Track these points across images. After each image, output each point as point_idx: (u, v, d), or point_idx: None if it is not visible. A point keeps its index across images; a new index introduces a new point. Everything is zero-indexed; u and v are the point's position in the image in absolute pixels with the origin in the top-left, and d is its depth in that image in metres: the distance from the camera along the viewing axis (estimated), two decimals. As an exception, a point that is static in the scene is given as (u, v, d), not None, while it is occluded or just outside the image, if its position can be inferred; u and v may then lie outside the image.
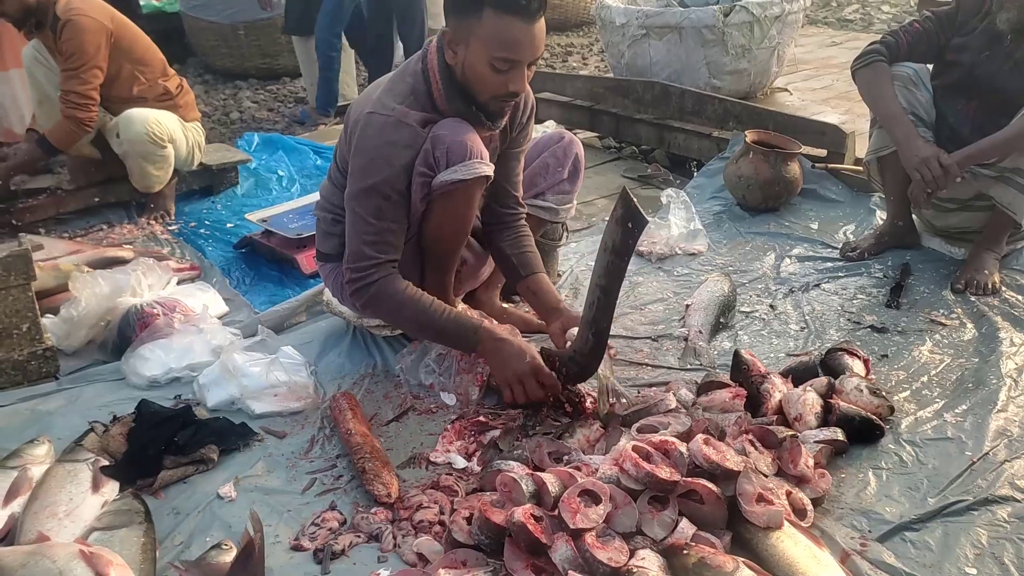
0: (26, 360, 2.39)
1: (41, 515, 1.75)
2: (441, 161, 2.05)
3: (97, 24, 3.25)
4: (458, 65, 2.03)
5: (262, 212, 3.34)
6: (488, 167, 2.10)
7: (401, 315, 2.15)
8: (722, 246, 3.14)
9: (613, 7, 4.65)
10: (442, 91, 2.07)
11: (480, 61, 1.98)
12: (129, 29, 3.43)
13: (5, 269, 2.30)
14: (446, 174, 2.05)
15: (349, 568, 1.68)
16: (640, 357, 2.44)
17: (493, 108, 2.09)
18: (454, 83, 2.07)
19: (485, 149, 2.11)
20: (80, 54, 3.21)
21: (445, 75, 2.07)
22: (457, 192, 2.08)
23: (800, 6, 4.52)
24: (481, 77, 2.01)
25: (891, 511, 1.77)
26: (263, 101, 5.96)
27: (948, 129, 2.71)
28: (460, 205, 2.14)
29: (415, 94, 2.09)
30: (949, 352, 2.35)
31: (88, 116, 3.29)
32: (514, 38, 1.94)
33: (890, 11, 7.86)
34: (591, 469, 1.79)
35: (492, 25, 1.93)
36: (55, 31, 3.23)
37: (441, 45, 2.07)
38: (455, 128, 2.06)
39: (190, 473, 1.97)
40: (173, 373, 2.35)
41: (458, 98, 2.07)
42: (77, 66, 3.22)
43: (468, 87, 2.05)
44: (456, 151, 2.04)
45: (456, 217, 2.17)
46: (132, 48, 3.40)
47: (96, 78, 3.28)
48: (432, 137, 2.05)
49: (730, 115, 3.92)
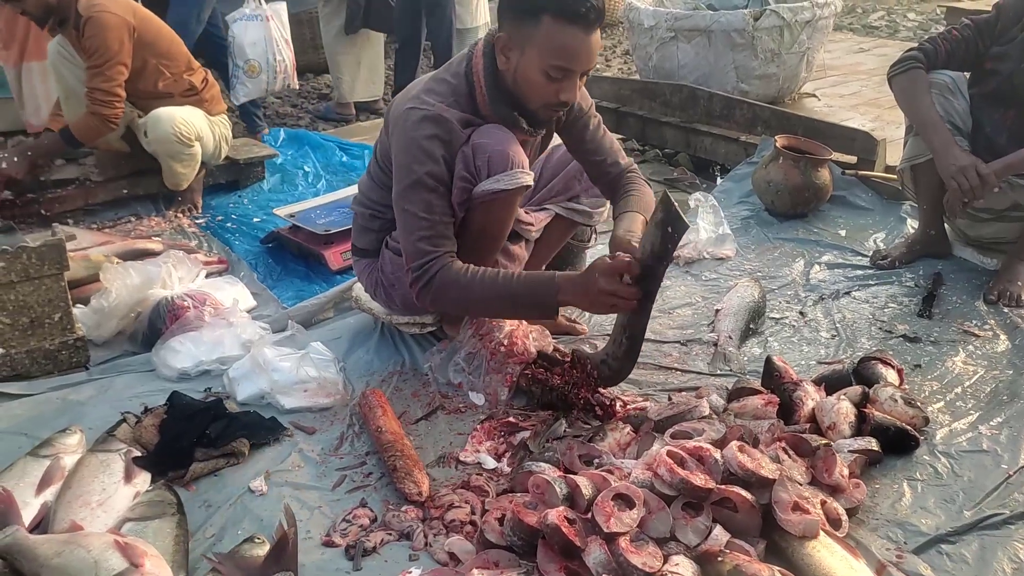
0: (57, 349, 2.40)
1: (74, 504, 1.76)
2: (483, 170, 2.04)
3: (119, 20, 3.25)
4: (510, 71, 2.01)
5: (290, 207, 3.34)
6: (529, 176, 2.09)
7: (470, 296, 2.03)
8: (750, 251, 3.12)
9: (642, 9, 4.63)
10: (486, 95, 2.06)
11: (534, 68, 1.96)
12: (153, 23, 3.44)
13: (39, 259, 2.31)
14: (488, 183, 2.04)
15: (380, 565, 1.68)
16: (669, 361, 2.43)
17: (543, 116, 2.07)
18: (500, 88, 2.05)
19: (526, 158, 2.10)
20: (103, 51, 3.22)
21: (491, 79, 2.05)
22: (498, 201, 2.07)
23: (831, 11, 4.49)
24: (534, 84, 1.99)
25: (927, 523, 1.75)
26: (287, 96, 5.97)
27: (985, 138, 2.69)
28: (501, 213, 2.13)
29: (456, 95, 2.08)
30: (983, 364, 2.33)
31: (113, 113, 3.30)
32: (571, 47, 1.92)
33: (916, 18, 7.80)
34: (623, 473, 1.78)
35: (550, 33, 1.91)
36: (78, 28, 3.24)
37: (488, 49, 2.05)
38: (497, 136, 2.04)
39: (221, 466, 1.97)
40: (203, 366, 2.36)
41: (502, 103, 2.06)
42: (101, 63, 3.23)
43: (518, 93, 2.04)
44: (498, 161, 2.03)
45: (496, 224, 2.16)
46: (156, 42, 3.41)
47: (120, 75, 3.28)
48: (474, 145, 2.04)
49: (759, 120, 3.90)
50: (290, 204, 3.46)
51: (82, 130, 3.32)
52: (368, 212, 2.32)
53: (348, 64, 5.28)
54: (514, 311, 2.16)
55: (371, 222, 2.32)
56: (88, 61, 3.26)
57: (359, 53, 5.31)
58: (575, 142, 2.31)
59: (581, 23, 1.91)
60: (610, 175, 2.29)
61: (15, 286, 2.31)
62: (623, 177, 2.29)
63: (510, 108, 2.06)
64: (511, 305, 2.06)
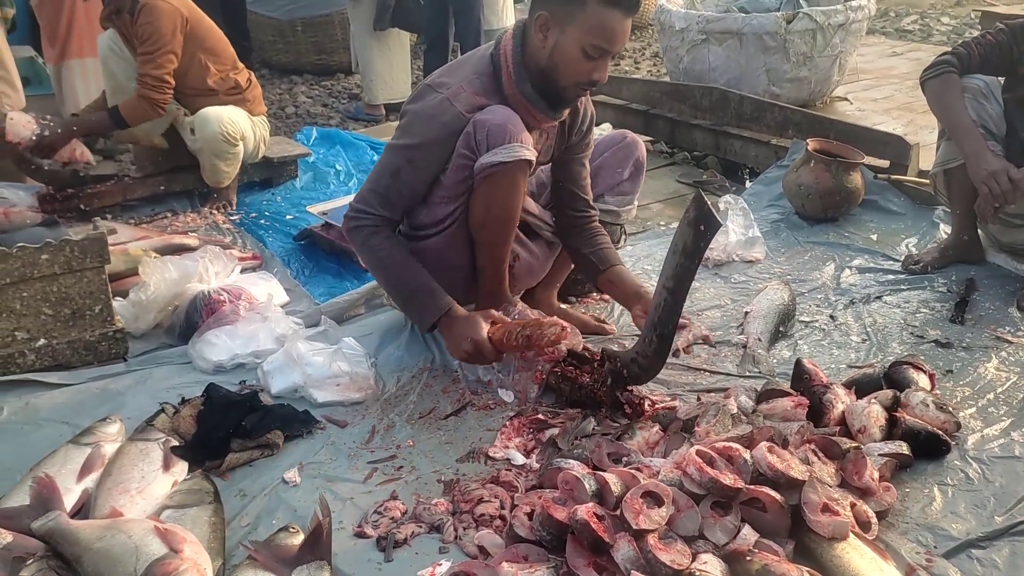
0: (97, 341, 2.46)
1: (114, 491, 1.80)
2: (482, 144, 2.10)
3: (173, 9, 3.34)
4: (547, 48, 2.10)
5: (322, 205, 3.39)
6: (530, 151, 2.12)
7: (376, 270, 2.31)
8: (780, 254, 3.12)
9: (673, 11, 4.63)
10: (512, 75, 2.15)
11: (574, 46, 2.06)
12: (204, 20, 3.52)
13: (82, 251, 2.37)
14: (487, 156, 2.09)
15: (411, 557, 1.71)
16: (698, 363, 2.44)
17: (571, 94, 2.17)
18: (527, 67, 2.14)
19: (528, 134, 2.15)
20: (157, 37, 3.30)
21: (519, 59, 2.14)
22: (499, 175, 2.11)
23: (864, 15, 4.46)
24: (571, 62, 2.08)
25: (957, 528, 1.75)
26: (318, 96, 6.04)
27: (1019, 143, 2.66)
28: (504, 190, 2.16)
29: (479, 75, 2.17)
30: (1015, 370, 2.31)
31: (163, 98, 3.37)
32: (613, 28, 2.04)
33: (950, 23, 7.72)
34: (652, 471, 1.79)
35: (595, 14, 2.03)
36: (132, 14, 3.32)
37: (518, 31, 2.16)
38: (498, 113, 2.11)
39: (256, 457, 2.01)
40: (238, 359, 2.40)
41: (527, 82, 2.14)
42: (153, 50, 3.31)
43: (552, 71, 2.12)
44: (496, 134, 2.08)
45: (501, 202, 2.19)
46: (206, 38, 3.49)
47: (171, 63, 3.36)
48: (474, 121, 2.11)
49: (790, 123, 3.88)
50: (322, 202, 3.51)
51: (131, 111, 3.38)
52: None
53: (378, 65, 5.33)
54: (400, 306, 2.41)
55: None
56: (141, 47, 3.34)
57: (389, 54, 5.36)
58: (565, 165, 2.41)
59: (625, 6, 2.05)
60: (584, 216, 2.44)
61: (58, 278, 2.37)
62: (592, 220, 2.45)
63: (535, 87, 2.14)
64: (399, 301, 2.36)
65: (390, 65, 5.39)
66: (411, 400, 2.28)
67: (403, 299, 2.32)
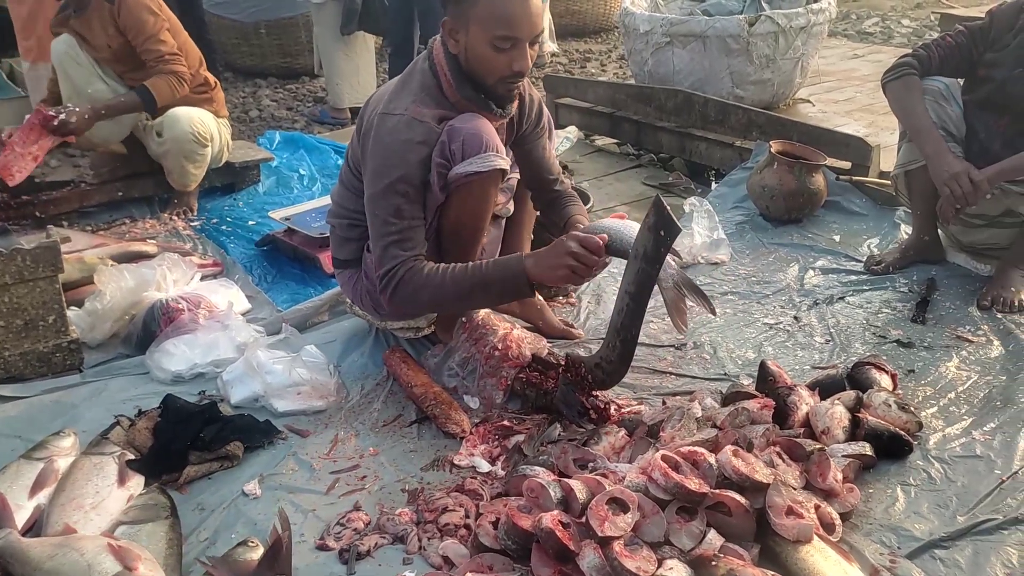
0: (51, 352, 2.40)
1: (68, 507, 1.76)
2: (457, 154, 2.06)
3: None
4: (461, 52, 2.06)
5: (285, 210, 3.34)
6: (504, 160, 2.10)
7: (444, 294, 2.06)
8: (745, 256, 3.13)
9: (637, 14, 4.63)
10: (451, 81, 2.10)
11: (481, 43, 2.01)
12: (173, 17, 3.50)
13: (34, 261, 2.31)
14: (462, 166, 2.06)
15: (375, 569, 1.68)
16: (664, 366, 2.43)
17: (501, 91, 2.10)
18: (462, 71, 2.10)
19: (501, 144, 2.12)
20: (147, 19, 3.31)
21: (452, 65, 2.10)
22: (474, 184, 2.08)
23: (826, 17, 4.50)
24: (485, 59, 2.03)
25: (920, 528, 1.76)
26: (282, 100, 5.97)
27: (978, 144, 2.70)
28: (477, 198, 2.13)
29: (425, 90, 2.12)
30: (976, 369, 2.34)
31: (184, 69, 3.37)
32: (511, 13, 1.98)
33: (910, 25, 7.83)
34: (618, 477, 1.78)
35: (487, 5, 1.97)
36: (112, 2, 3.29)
37: (444, 38, 2.11)
38: (471, 121, 2.08)
39: (215, 469, 1.97)
40: (197, 369, 2.35)
41: (467, 85, 2.10)
42: (149, 34, 3.32)
43: (474, 73, 2.08)
44: (472, 143, 2.05)
45: (473, 210, 2.16)
46: (176, 34, 3.46)
47: (169, 37, 3.36)
48: (448, 129, 2.07)
49: (754, 125, 3.90)
50: (285, 207, 3.47)
51: (161, 88, 3.33)
52: (346, 222, 2.32)
53: (343, 68, 5.28)
54: (489, 297, 2.17)
55: (350, 231, 2.31)
56: (136, 37, 3.33)
57: (355, 57, 5.32)
58: (527, 153, 2.39)
59: None
60: (556, 192, 2.44)
61: (9, 288, 2.31)
62: (564, 196, 2.44)
63: (475, 91, 2.10)
64: (485, 292, 2.08)
65: (356, 68, 5.34)
66: (375, 408, 2.25)
67: (491, 294, 2.12)
